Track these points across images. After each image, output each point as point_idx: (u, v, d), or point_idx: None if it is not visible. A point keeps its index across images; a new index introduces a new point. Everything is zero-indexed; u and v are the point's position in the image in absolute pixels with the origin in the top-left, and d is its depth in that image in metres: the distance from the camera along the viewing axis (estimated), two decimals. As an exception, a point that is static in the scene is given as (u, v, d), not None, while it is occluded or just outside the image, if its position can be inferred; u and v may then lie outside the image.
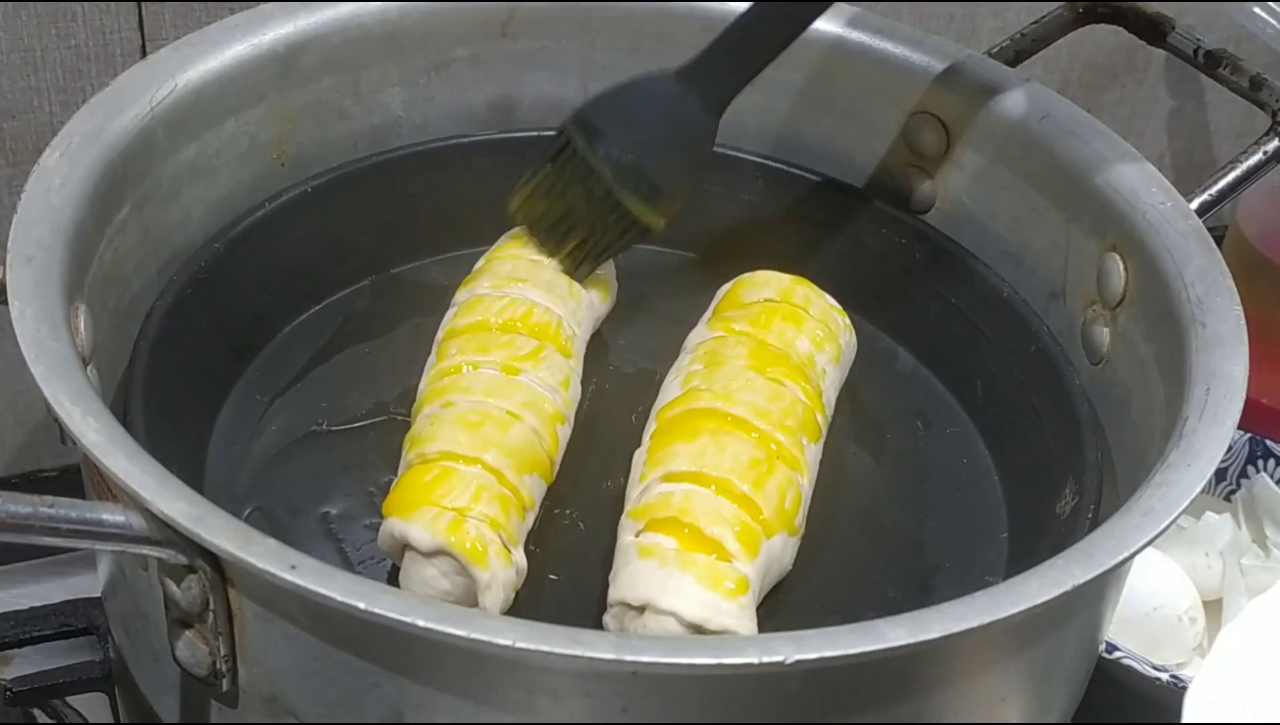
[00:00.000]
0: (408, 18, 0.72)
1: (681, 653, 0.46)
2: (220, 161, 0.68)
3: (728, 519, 0.57)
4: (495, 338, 0.63)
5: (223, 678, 0.51)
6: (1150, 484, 0.53)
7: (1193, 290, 0.61)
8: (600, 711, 0.47)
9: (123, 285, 0.63)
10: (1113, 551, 0.50)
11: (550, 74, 0.75)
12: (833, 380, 0.66)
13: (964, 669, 0.51)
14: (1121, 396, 0.64)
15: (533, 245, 0.68)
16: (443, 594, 0.56)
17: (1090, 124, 0.69)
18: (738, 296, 0.67)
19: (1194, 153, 1.04)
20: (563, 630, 0.46)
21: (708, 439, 0.59)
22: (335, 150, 0.72)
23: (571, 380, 0.64)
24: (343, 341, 0.69)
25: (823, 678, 0.48)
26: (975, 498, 0.66)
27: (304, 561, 0.46)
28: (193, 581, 0.49)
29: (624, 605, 0.55)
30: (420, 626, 0.45)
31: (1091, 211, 0.67)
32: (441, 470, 0.58)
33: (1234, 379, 0.57)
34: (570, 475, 0.63)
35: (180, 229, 0.66)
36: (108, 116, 0.62)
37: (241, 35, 0.68)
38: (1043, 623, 0.52)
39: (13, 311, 0.53)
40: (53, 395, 0.50)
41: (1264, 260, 0.85)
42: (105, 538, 0.48)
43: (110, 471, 0.48)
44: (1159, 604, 0.73)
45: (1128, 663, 0.69)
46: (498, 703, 0.48)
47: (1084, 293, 0.67)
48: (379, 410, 0.66)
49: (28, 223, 0.57)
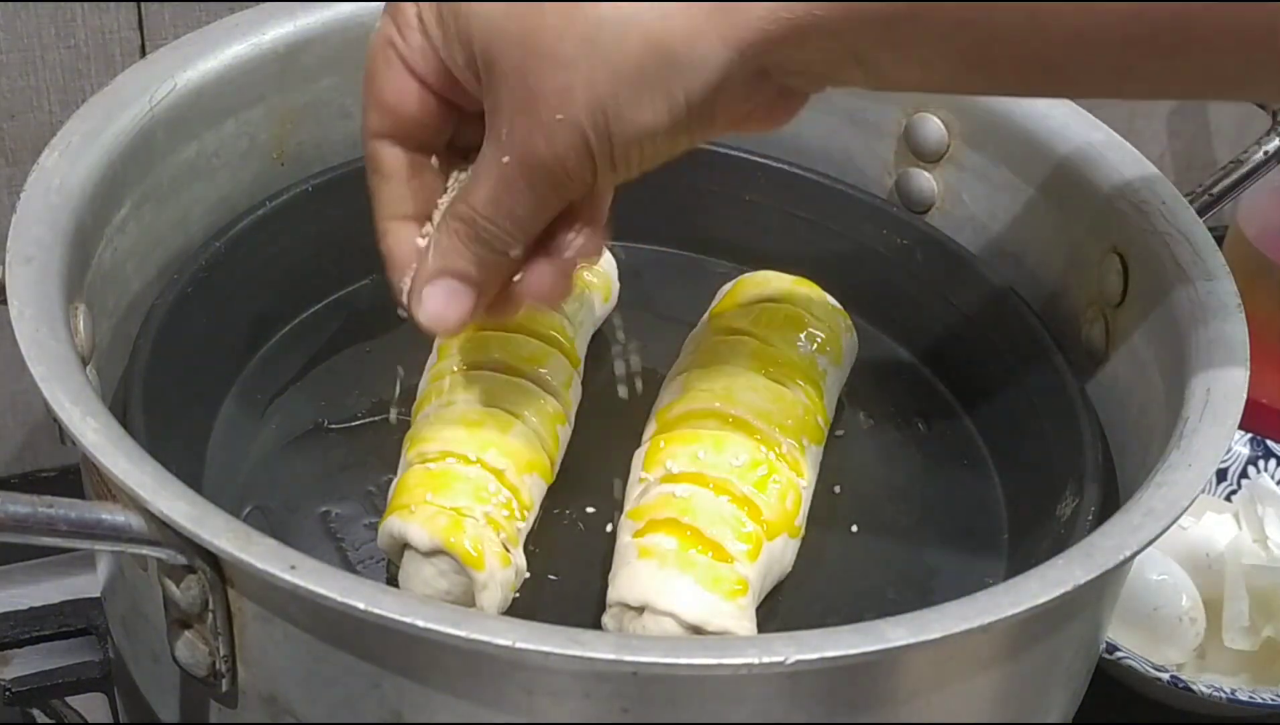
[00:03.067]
0: (408, 17, 0.72)
1: (681, 653, 0.46)
2: (220, 161, 0.68)
3: (728, 520, 0.57)
4: (496, 337, 0.63)
5: (222, 678, 0.51)
6: (1150, 484, 0.53)
7: (1193, 290, 0.61)
8: (600, 711, 0.47)
9: (123, 285, 0.63)
10: (1113, 552, 0.50)
11: (550, 74, 0.75)
12: (833, 381, 0.66)
13: (964, 669, 0.51)
14: (1121, 396, 0.64)
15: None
16: (442, 593, 0.56)
17: (1090, 124, 0.69)
18: (738, 296, 0.67)
19: (1194, 153, 1.04)
20: (562, 630, 0.46)
21: (708, 439, 0.59)
22: (335, 150, 0.72)
23: (572, 380, 0.64)
24: (343, 341, 0.69)
25: (823, 678, 0.48)
26: (975, 498, 0.65)
27: (303, 561, 0.46)
28: (192, 582, 0.49)
29: (623, 606, 0.55)
30: (420, 626, 0.45)
31: (1091, 211, 0.67)
32: (441, 470, 0.58)
33: (1234, 379, 0.57)
34: (570, 475, 0.63)
35: (180, 229, 0.66)
36: (107, 116, 0.62)
37: (241, 35, 0.68)
38: (1043, 623, 0.52)
39: (12, 311, 0.53)
40: (52, 395, 0.50)
41: (1264, 260, 0.85)
42: (105, 538, 0.48)
43: (110, 471, 0.48)
44: (1159, 604, 0.73)
45: (1128, 663, 0.69)
46: (497, 703, 0.48)
47: (1084, 293, 0.67)
48: (379, 410, 0.66)
49: (27, 223, 0.57)
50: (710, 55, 0.48)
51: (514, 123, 0.49)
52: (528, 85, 0.48)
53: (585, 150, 0.49)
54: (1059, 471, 0.62)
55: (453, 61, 0.51)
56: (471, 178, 0.52)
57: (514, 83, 0.49)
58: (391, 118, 0.52)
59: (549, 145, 0.49)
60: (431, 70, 0.51)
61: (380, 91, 0.52)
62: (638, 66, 0.48)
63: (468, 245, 0.52)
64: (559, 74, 0.48)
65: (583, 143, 0.49)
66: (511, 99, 0.49)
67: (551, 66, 0.48)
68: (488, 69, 0.49)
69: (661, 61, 0.48)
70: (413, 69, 0.51)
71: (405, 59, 0.51)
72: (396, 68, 0.52)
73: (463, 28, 0.49)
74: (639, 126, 0.49)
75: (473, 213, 0.51)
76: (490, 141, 0.50)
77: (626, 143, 0.49)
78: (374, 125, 0.53)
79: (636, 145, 0.49)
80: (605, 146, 0.49)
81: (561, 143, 0.49)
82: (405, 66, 0.51)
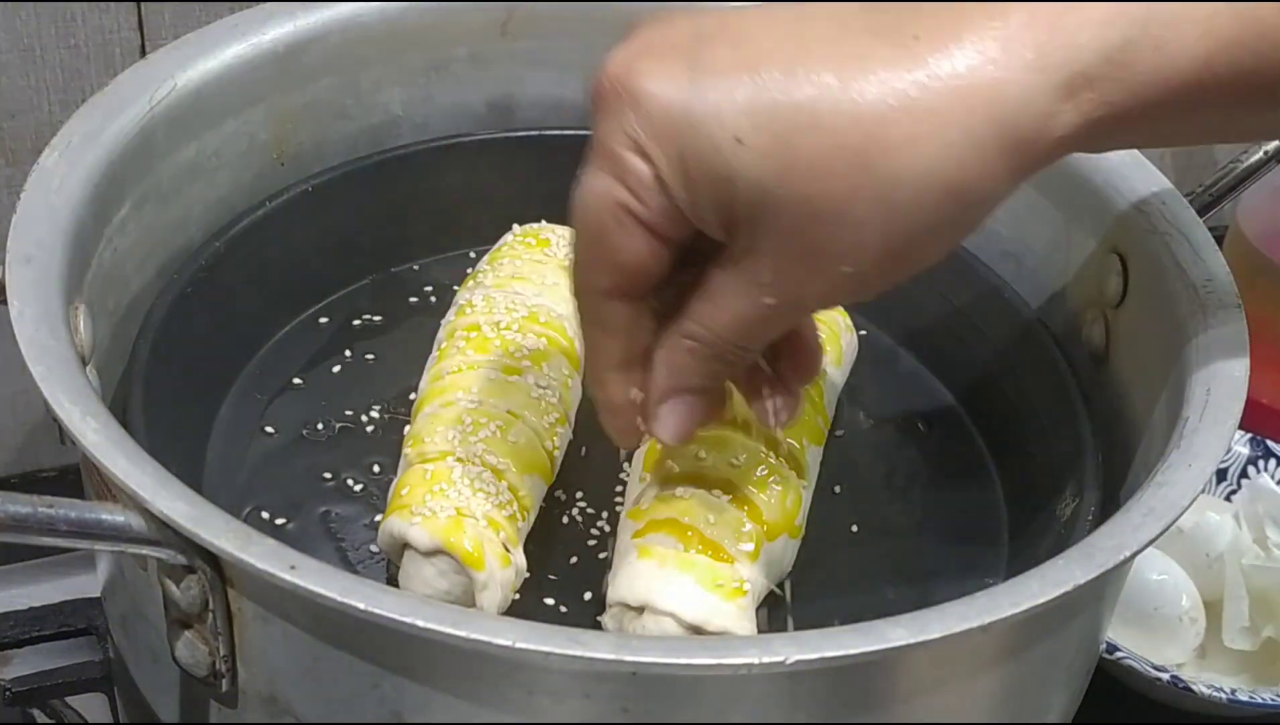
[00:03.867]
0: (407, 17, 0.72)
1: (681, 653, 0.46)
2: (220, 161, 0.68)
3: (728, 520, 0.57)
4: (496, 337, 0.63)
5: (222, 678, 0.51)
6: (1150, 484, 0.53)
7: (1193, 290, 0.61)
8: (600, 711, 0.47)
9: (122, 285, 0.63)
10: (1113, 552, 0.50)
11: (550, 74, 0.75)
12: (834, 382, 0.66)
13: (964, 669, 0.51)
14: (1121, 396, 0.64)
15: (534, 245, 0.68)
16: (442, 593, 0.56)
17: (1090, 124, 0.68)
18: (738, 296, 0.67)
19: (1194, 153, 1.04)
20: (562, 630, 0.46)
21: (708, 439, 0.59)
22: (335, 150, 0.72)
23: (572, 380, 0.64)
24: (342, 341, 0.69)
25: (823, 678, 0.48)
26: (975, 498, 0.65)
27: (303, 561, 0.46)
28: (192, 582, 0.49)
29: (623, 606, 0.55)
30: (419, 627, 0.45)
31: (1091, 211, 0.67)
32: (441, 469, 0.58)
33: (1234, 379, 0.57)
34: (570, 475, 0.63)
35: (180, 229, 0.66)
36: (107, 116, 0.62)
37: (241, 35, 0.68)
38: (1043, 623, 0.52)
39: (12, 311, 0.53)
40: (52, 395, 0.50)
41: (1264, 260, 0.85)
42: (104, 538, 0.48)
43: (109, 471, 0.48)
44: (1159, 604, 0.73)
45: (1128, 663, 0.69)
46: (497, 703, 0.48)
47: (1084, 293, 0.67)
48: (379, 410, 0.66)
49: (27, 223, 0.57)
50: (1003, 189, 0.49)
51: (785, 271, 0.49)
52: (808, 242, 0.48)
53: (862, 291, 0.50)
54: (1059, 471, 0.62)
55: (701, 220, 0.49)
56: (708, 302, 0.50)
57: (789, 240, 0.48)
58: (627, 278, 0.50)
59: (827, 294, 0.50)
60: (674, 229, 0.49)
61: (616, 255, 0.49)
62: (935, 218, 0.48)
63: (705, 363, 0.52)
64: (849, 233, 0.47)
65: (862, 287, 0.49)
66: (785, 252, 0.48)
67: (839, 227, 0.47)
68: (753, 224, 0.48)
69: (959, 207, 0.48)
70: (653, 230, 0.49)
71: (644, 221, 0.49)
72: (634, 231, 0.49)
73: (722, 192, 0.47)
74: (925, 263, 0.50)
75: (715, 337, 0.51)
76: (740, 277, 0.49)
77: (906, 277, 0.50)
78: (603, 285, 0.51)
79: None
80: (886, 285, 0.50)
81: (842, 291, 0.50)
82: (644, 228, 0.49)
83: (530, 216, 0.70)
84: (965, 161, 0.47)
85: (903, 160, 0.46)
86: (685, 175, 0.47)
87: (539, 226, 0.70)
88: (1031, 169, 0.49)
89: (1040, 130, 0.48)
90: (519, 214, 0.71)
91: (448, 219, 0.73)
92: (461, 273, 0.69)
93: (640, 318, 0.52)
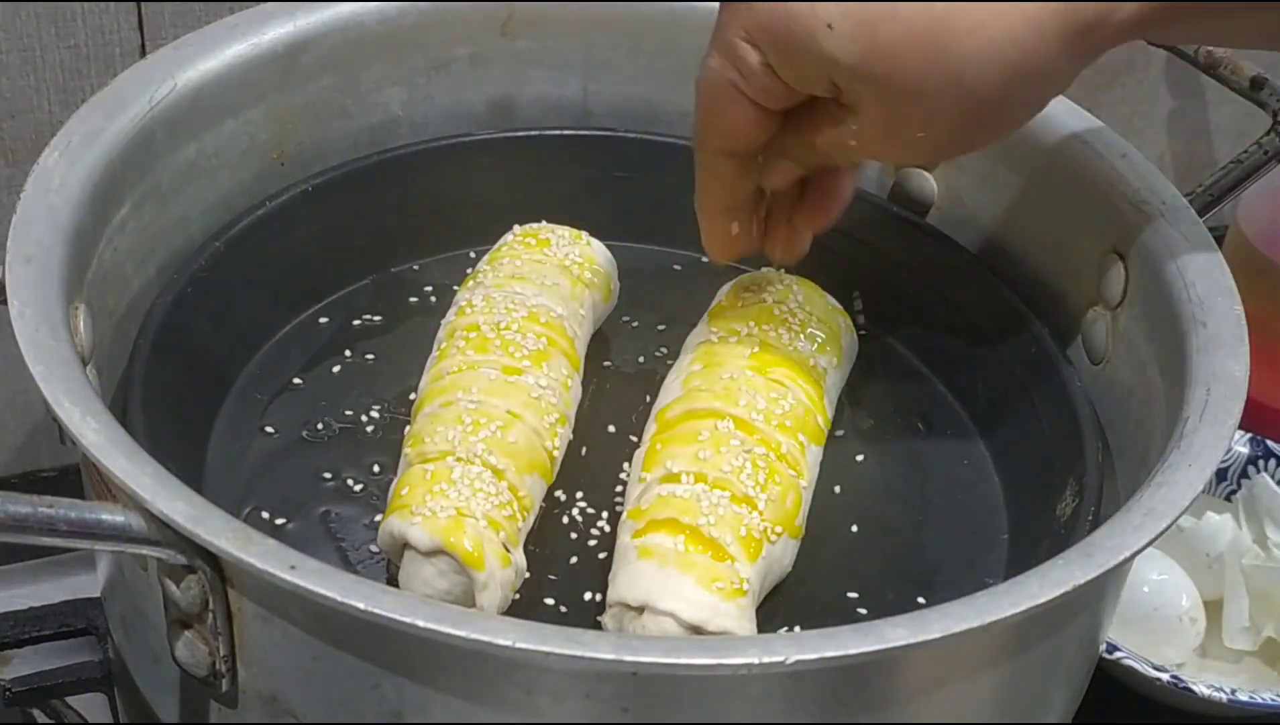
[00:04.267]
0: (407, 17, 0.72)
1: (681, 653, 0.46)
2: (220, 161, 0.68)
3: (728, 520, 0.57)
4: (496, 337, 0.63)
5: (222, 678, 0.51)
6: (1151, 484, 0.53)
7: (1193, 290, 0.61)
8: (600, 711, 0.47)
9: (122, 285, 0.63)
10: (1113, 552, 0.50)
11: (550, 73, 0.75)
12: (834, 381, 0.66)
13: (965, 669, 0.51)
14: (1122, 396, 0.64)
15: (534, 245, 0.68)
16: (442, 593, 0.56)
17: (1090, 123, 0.69)
18: (738, 296, 0.67)
19: (1194, 153, 1.04)
20: (562, 630, 0.46)
21: (708, 440, 0.59)
22: (335, 150, 0.72)
23: (572, 380, 0.64)
24: (342, 341, 0.69)
25: (823, 678, 0.48)
26: (975, 498, 0.65)
27: (303, 561, 0.46)
28: (192, 582, 0.49)
29: (623, 606, 0.55)
30: (420, 627, 0.45)
31: (1091, 211, 0.67)
32: (441, 469, 0.58)
33: (1234, 379, 0.57)
34: (570, 475, 0.63)
35: (180, 229, 0.66)
36: (107, 116, 0.62)
37: (241, 35, 0.68)
38: (1043, 623, 0.52)
39: (12, 311, 0.53)
40: (52, 395, 0.50)
41: (1264, 260, 0.85)
42: (104, 538, 0.48)
43: (109, 471, 0.48)
44: (1159, 604, 0.73)
45: (1128, 663, 0.69)
46: (497, 703, 0.48)
47: (1084, 293, 0.67)
48: (379, 410, 0.66)
49: (27, 223, 0.57)
50: (1064, 71, 0.55)
51: (868, 131, 0.57)
52: (887, 110, 0.55)
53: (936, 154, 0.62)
54: (1059, 471, 0.62)
55: (808, 88, 0.57)
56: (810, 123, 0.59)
57: (873, 107, 0.55)
58: (733, 140, 0.59)
59: (903, 153, 0.62)
60: (774, 100, 0.58)
61: (725, 122, 0.59)
62: (1001, 95, 0.54)
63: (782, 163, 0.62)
64: (923, 105, 0.54)
65: (936, 151, 0.59)
66: (870, 116, 0.56)
67: (914, 100, 0.54)
68: (847, 93, 0.56)
69: (1023, 87, 0.55)
70: (757, 102, 0.58)
71: (750, 96, 0.57)
72: (742, 104, 0.58)
73: (820, 69, 0.55)
74: (995, 136, 0.57)
75: (806, 146, 0.60)
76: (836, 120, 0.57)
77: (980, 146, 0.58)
78: (714, 144, 0.60)
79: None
80: (959, 151, 0.60)
81: (917, 152, 0.58)
82: (749, 101, 0.57)
83: (530, 216, 0.70)
84: (1028, 45, 0.53)
85: (971, 44, 0.53)
86: (789, 59, 0.55)
87: (539, 226, 0.70)
88: (1092, 54, 0.54)
89: (1101, 17, 0.53)
90: (519, 214, 0.71)
91: (448, 219, 0.73)
92: (461, 273, 0.69)
93: (743, 172, 0.61)
